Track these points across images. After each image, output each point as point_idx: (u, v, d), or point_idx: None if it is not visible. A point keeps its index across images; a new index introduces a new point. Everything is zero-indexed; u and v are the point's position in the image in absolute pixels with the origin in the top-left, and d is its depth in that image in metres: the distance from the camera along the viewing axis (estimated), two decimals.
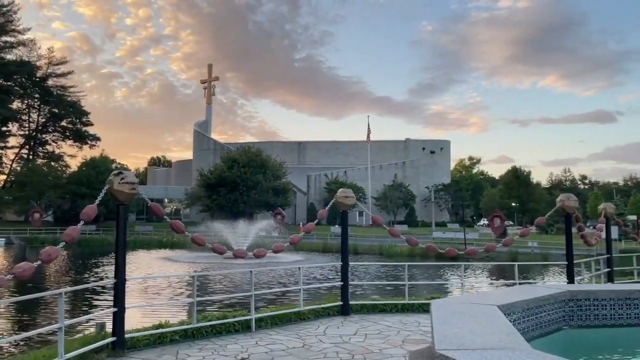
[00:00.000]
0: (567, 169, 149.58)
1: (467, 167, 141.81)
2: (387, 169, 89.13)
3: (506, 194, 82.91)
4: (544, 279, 27.89)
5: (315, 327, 9.92)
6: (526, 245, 40.96)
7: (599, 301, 7.09)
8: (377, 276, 27.19)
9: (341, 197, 11.12)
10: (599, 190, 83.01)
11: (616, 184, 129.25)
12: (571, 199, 12.44)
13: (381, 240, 46.55)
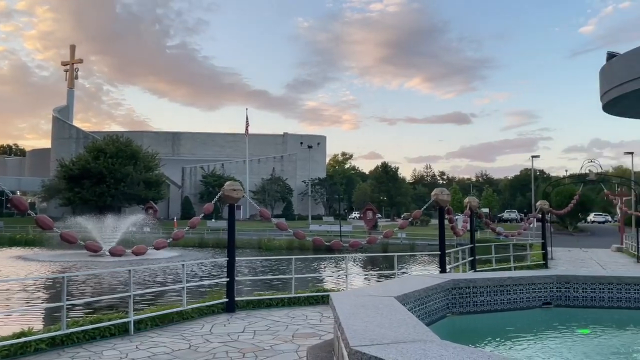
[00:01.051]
0: (429, 165, 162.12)
1: (340, 162, 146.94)
2: (266, 162, 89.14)
3: (376, 188, 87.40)
4: (411, 268, 29.77)
5: (201, 327, 9.47)
6: (396, 236, 43.40)
7: (477, 289, 7.60)
8: (261, 271, 27.00)
9: (229, 190, 10.74)
10: (457, 185, 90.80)
11: (470, 179, 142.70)
12: (444, 193, 13.30)
13: (260, 234, 46.39)
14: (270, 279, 20.33)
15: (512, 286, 7.80)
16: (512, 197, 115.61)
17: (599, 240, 43.49)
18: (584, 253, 30.41)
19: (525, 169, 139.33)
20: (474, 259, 16.97)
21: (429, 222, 67.10)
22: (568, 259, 26.28)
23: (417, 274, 14.52)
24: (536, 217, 21.83)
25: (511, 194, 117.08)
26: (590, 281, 8.10)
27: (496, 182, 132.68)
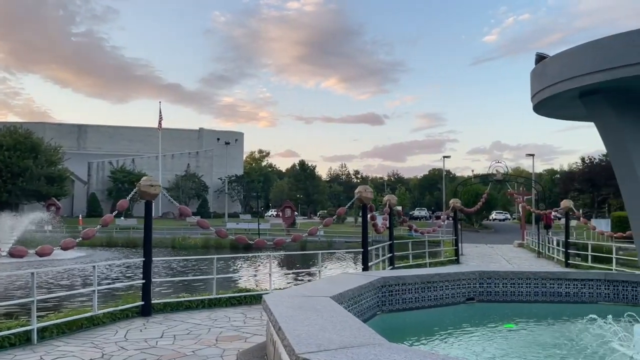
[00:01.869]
0: (344, 164, 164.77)
1: (257, 159, 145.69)
2: (180, 158, 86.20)
3: (294, 186, 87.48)
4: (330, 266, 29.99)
5: (114, 333, 8.74)
6: None
7: (406, 286, 7.62)
8: (179, 272, 25.88)
9: (146, 186, 10.04)
10: (371, 183, 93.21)
11: (382, 178, 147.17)
12: (368, 191, 13.36)
13: (173, 233, 44.69)
14: (189, 280, 19.51)
15: (438, 283, 7.91)
16: (421, 196, 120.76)
17: (502, 237, 46.36)
18: (489, 249, 32.22)
19: (433, 169, 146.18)
20: (392, 256, 17.28)
21: (345, 220, 68.23)
22: (476, 254, 27.66)
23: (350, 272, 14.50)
24: (449, 215, 22.72)
25: (420, 193, 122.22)
26: (510, 276, 8.42)
27: (406, 181, 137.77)
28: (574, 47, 4.71)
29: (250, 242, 11.54)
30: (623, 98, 4.80)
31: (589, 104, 5.00)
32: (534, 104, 5.60)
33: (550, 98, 5.07)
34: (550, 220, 32.40)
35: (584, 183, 60.31)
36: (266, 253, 14.76)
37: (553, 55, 4.97)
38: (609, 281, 8.31)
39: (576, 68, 4.66)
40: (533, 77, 5.39)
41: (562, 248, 22.46)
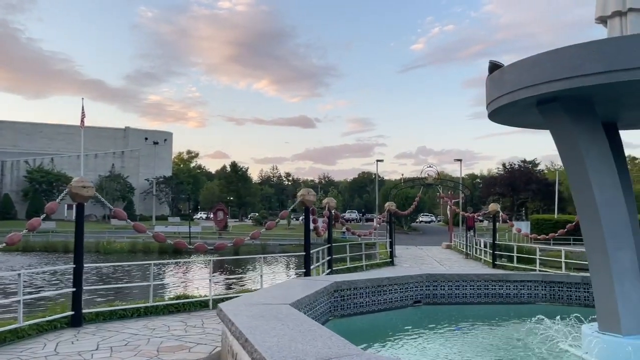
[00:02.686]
0: (275, 166, 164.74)
1: (185, 160, 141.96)
2: (104, 158, 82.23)
3: (225, 188, 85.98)
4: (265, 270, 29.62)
5: (42, 346, 8.04)
6: None
7: (357, 290, 7.56)
8: (111, 278, 24.50)
9: (78, 187, 9.35)
10: (304, 186, 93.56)
11: (313, 181, 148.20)
12: (311, 194, 13.27)
13: (97, 236, 42.46)
14: (122, 287, 18.50)
15: (388, 286, 7.92)
16: (351, 198, 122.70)
17: (430, 239, 47.90)
18: (420, 250, 33.12)
19: (363, 172, 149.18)
20: (330, 259, 17.29)
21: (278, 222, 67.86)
22: (408, 256, 28.31)
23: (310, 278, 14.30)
24: (384, 217, 23.11)
25: (350, 195, 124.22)
26: (455, 279, 8.59)
27: (337, 184, 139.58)
28: (534, 55, 4.83)
29: (190, 246, 11.08)
30: (579, 106, 4.98)
31: (545, 112, 5.15)
32: (489, 111, 5.70)
33: (508, 105, 5.17)
34: (472, 222, 33.83)
35: (505, 187, 63.67)
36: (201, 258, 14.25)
37: (512, 63, 5.07)
38: (546, 282, 8.68)
39: (536, 76, 4.78)
40: (490, 84, 5.48)
41: (489, 249, 23.47)
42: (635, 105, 5.32)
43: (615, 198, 5.07)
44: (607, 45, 4.38)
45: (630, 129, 6.51)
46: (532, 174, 65.35)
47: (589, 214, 5.07)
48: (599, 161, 5.04)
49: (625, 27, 5.19)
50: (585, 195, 5.08)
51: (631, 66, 4.23)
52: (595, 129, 5.12)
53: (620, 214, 5.08)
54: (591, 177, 4.96)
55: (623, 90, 4.62)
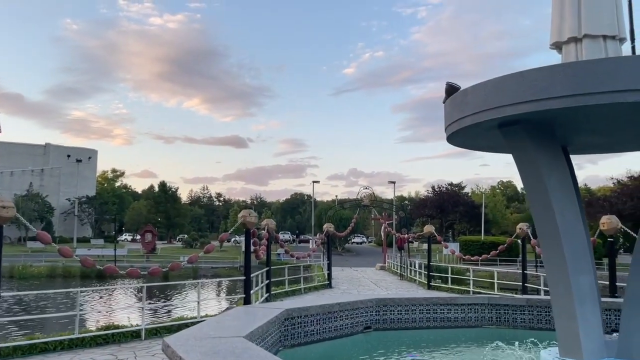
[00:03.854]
0: (206, 186, 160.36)
1: (110, 179, 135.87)
2: (21, 176, 76.87)
3: (153, 208, 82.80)
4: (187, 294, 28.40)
5: None
6: (178, 259, 41.35)
7: (309, 317, 7.18)
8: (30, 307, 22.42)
9: None
10: (237, 207, 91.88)
11: (245, 201, 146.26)
12: (252, 215, 12.80)
13: (11, 260, 39.21)
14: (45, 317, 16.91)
15: (339, 312, 7.61)
16: (283, 219, 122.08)
17: (364, 260, 48.26)
18: (355, 272, 33.13)
19: (295, 193, 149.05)
20: (269, 283, 16.79)
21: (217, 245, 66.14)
22: (345, 278, 28.20)
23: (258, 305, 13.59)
24: (322, 239, 22.88)
25: (283, 216, 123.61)
26: (404, 303, 8.42)
27: (269, 205, 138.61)
28: (498, 77, 4.78)
29: (121, 272, 10.26)
30: (541, 130, 4.98)
31: (508, 135, 5.11)
32: (448, 133, 5.61)
33: (471, 127, 5.09)
34: (402, 243, 34.46)
35: (434, 209, 65.66)
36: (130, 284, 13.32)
37: (476, 84, 5.01)
38: (492, 305, 8.71)
39: (501, 98, 4.73)
40: (451, 106, 5.40)
41: (423, 270, 23.81)
42: (589, 130, 5.42)
43: (575, 222, 5.09)
44: (572, 68, 4.39)
45: (577, 154, 6.66)
46: (460, 197, 67.99)
47: (551, 239, 5.04)
48: (559, 185, 5.05)
49: (580, 53, 5.28)
50: (546, 220, 5.06)
51: (596, 90, 4.25)
52: (556, 153, 5.15)
53: (580, 238, 5.09)
54: (553, 202, 4.95)
55: (583, 114, 4.65)
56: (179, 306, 20.87)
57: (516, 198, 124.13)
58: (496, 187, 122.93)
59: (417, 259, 29.56)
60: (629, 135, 5.70)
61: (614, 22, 5.21)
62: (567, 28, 5.40)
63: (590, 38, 5.24)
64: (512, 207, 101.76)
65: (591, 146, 6.39)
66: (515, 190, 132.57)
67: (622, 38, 5.30)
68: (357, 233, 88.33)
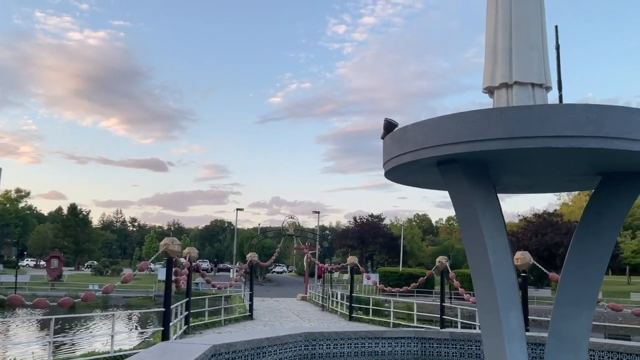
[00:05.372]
0: (120, 210, 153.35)
1: (13, 199, 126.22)
2: None
3: (61, 232, 77.61)
4: (95, 327, 26.69)
5: None
6: (87, 288, 38.81)
7: (236, 354, 6.88)
8: None
9: None
10: (154, 233, 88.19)
11: (162, 227, 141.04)
12: (175, 244, 12.27)
13: None
14: None
15: (267, 347, 7.36)
16: (201, 247, 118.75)
17: (285, 290, 47.77)
18: (276, 302, 32.62)
19: (215, 220, 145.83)
20: (188, 314, 16.10)
21: (121, 272, 62.82)
22: (266, 308, 27.67)
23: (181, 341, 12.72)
24: (245, 268, 22.38)
25: (201, 244, 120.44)
26: (333, 337, 8.32)
27: (187, 231, 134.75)
28: (439, 116, 4.92)
29: (27, 303, 9.37)
30: (476, 169, 5.16)
31: (445, 173, 5.25)
32: (387, 168, 5.69)
33: (410, 163, 5.18)
34: (322, 272, 34.68)
35: (355, 240, 66.66)
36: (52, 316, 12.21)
37: (417, 122, 5.12)
38: (418, 339, 8.81)
39: (440, 136, 4.85)
40: (391, 142, 5.48)
41: (346, 302, 23.87)
42: (517, 171, 5.69)
43: (505, 259, 5.28)
44: (507, 113, 4.61)
45: (501, 193, 6.97)
46: (380, 228, 69.55)
47: (483, 276, 5.18)
48: (492, 224, 5.23)
49: (511, 99, 5.59)
50: (479, 257, 5.21)
51: (529, 135, 4.48)
52: (489, 192, 5.35)
53: (509, 274, 5.28)
54: (486, 239, 5.11)
55: (515, 156, 4.88)
56: (87, 339, 19.40)
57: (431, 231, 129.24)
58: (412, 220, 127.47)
59: (338, 290, 29.65)
60: (551, 178, 6.05)
61: (542, 71, 5.57)
62: (499, 74, 5.71)
63: (520, 85, 5.56)
64: (427, 239, 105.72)
65: (516, 186, 6.73)
66: (430, 224, 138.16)
67: (549, 86, 5.68)
68: (278, 262, 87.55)
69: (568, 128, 4.39)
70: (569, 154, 4.64)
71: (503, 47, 5.75)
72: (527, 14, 5.73)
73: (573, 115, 4.41)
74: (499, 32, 5.84)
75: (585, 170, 5.42)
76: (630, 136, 4.43)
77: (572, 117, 4.40)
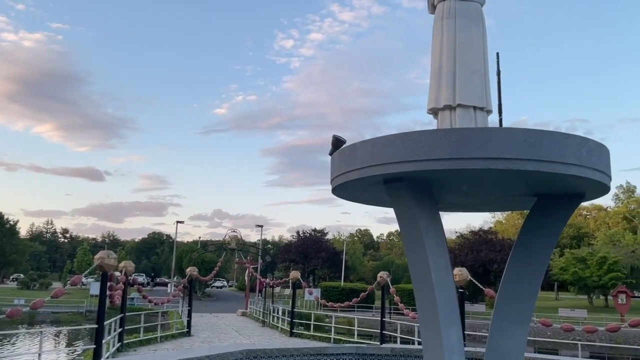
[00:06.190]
0: (50, 220, 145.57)
1: None
2: None
3: None
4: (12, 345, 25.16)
5: None
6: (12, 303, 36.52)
7: None
8: None
9: None
10: (88, 245, 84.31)
11: (95, 239, 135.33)
12: (111, 257, 11.76)
13: None
14: None
15: None
16: (138, 260, 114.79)
17: (225, 305, 46.82)
18: (215, 318, 31.86)
19: (153, 232, 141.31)
20: (122, 331, 15.43)
21: (50, 286, 59.78)
22: (205, 325, 26.96)
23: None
24: (184, 283, 21.79)
25: (137, 257, 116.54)
26: (275, 354, 8.21)
27: (123, 244, 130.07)
28: (387, 135, 5.02)
29: None
30: (422, 188, 5.28)
31: (392, 191, 5.34)
32: (334, 185, 5.72)
33: (357, 180, 5.24)
34: (262, 286, 34.42)
35: (298, 254, 66.52)
36: None
37: (365, 140, 5.20)
38: (359, 355, 8.85)
39: (388, 155, 4.94)
40: (339, 159, 5.52)
41: (287, 317, 23.65)
42: (459, 190, 5.88)
43: (446, 276, 5.41)
44: (452, 134, 4.76)
45: (442, 211, 7.17)
46: (323, 243, 69.77)
47: (426, 292, 5.28)
48: (435, 242, 5.36)
49: (454, 120, 5.79)
50: (422, 274, 5.31)
51: (472, 156, 4.64)
52: (433, 211, 5.48)
53: (450, 291, 5.41)
54: (429, 257, 5.22)
55: (459, 176, 5.04)
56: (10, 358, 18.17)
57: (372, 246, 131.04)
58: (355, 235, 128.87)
59: (280, 305, 29.37)
60: (490, 198, 6.29)
61: (483, 95, 5.82)
62: (443, 97, 5.91)
63: (463, 107, 5.77)
64: (368, 254, 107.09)
65: (457, 205, 6.94)
66: (371, 239, 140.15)
67: (489, 110, 5.93)
68: (218, 277, 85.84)
69: (508, 151, 4.59)
70: (508, 175, 4.84)
71: (447, 71, 5.97)
72: (470, 41, 5.98)
73: (513, 138, 4.62)
74: (443, 56, 6.06)
75: (523, 191, 5.67)
76: (564, 160, 4.69)
77: (512, 141, 4.61)
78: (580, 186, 5.26)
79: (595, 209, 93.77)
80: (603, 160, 5.05)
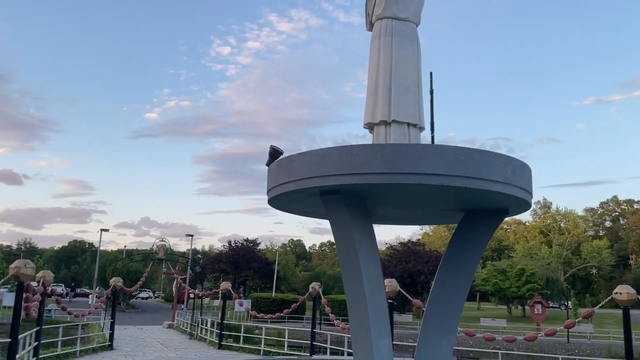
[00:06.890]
0: None
1: None
2: None
3: None
4: None
5: None
6: None
7: None
8: None
9: None
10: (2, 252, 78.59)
11: (10, 247, 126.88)
12: (28, 267, 11.04)
13: None
14: None
15: None
16: (57, 269, 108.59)
17: (150, 317, 45.12)
18: (140, 331, 30.67)
19: (75, 240, 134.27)
20: (38, 345, 14.51)
21: None
22: (128, 337, 25.88)
23: None
24: (108, 294, 20.83)
25: (56, 266, 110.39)
26: None
27: (40, 252, 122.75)
28: (325, 147, 5.08)
29: None
30: (357, 201, 5.37)
31: (328, 203, 5.40)
32: (271, 196, 5.71)
33: (294, 192, 5.26)
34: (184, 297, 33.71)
35: (229, 265, 65.43)
36: None
37: (303, 152, 5.23)
38: None
39: (324, 168, 5.00)
40: (276, 170, 5.53)
41: (215, 329, 23.16)
42: (392, 204, 6.04)
43: (378, 289, 5.52)
44: (387, 149, 4.90)
45: (376, 224, 7.33)
46: (255, 253, 69.02)
47: (358, 304, 5.37)
48: (369, 254, 5.46)
49: (389, 136, 5.96)
50: (355, 286, 5.39)
51: (405, 171, 4.79)
52: (367, 223, 5.59)
53: (381, 303, 5.52)
54: (362, 269, 5.31)
55: (393, 190, 5.18)
56: None
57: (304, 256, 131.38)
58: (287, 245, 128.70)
59: (209, 317, 28.72)
60: (421, 212, 6.50)
61: (416, 113, 6.03)
62: (379, 112, 6.07)
63: (398, 124, 5.96)
64: (300, 265, 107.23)
65: (390, 218, 7.12)
66: (303, 249, 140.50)
67: (422, 127, 6.15)
68: (143, 287, 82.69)
69: (439, 167, 4.78)
70: (439, 190, 5.03)
71: (383, 87, 6.14)
72: (406, 59, 6.19)
73: (444, 155, 4.81)
74: (380, 73, 6.23)
75: (451, 205, 5.91)
76: (491, 178, 4.94)
77: (443, 157, 4.81)
78: (504, 202, 5.56)
79: (515, 223, 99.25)
80: (526, 178, 5.37)
